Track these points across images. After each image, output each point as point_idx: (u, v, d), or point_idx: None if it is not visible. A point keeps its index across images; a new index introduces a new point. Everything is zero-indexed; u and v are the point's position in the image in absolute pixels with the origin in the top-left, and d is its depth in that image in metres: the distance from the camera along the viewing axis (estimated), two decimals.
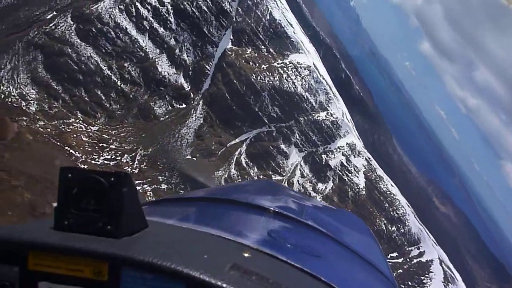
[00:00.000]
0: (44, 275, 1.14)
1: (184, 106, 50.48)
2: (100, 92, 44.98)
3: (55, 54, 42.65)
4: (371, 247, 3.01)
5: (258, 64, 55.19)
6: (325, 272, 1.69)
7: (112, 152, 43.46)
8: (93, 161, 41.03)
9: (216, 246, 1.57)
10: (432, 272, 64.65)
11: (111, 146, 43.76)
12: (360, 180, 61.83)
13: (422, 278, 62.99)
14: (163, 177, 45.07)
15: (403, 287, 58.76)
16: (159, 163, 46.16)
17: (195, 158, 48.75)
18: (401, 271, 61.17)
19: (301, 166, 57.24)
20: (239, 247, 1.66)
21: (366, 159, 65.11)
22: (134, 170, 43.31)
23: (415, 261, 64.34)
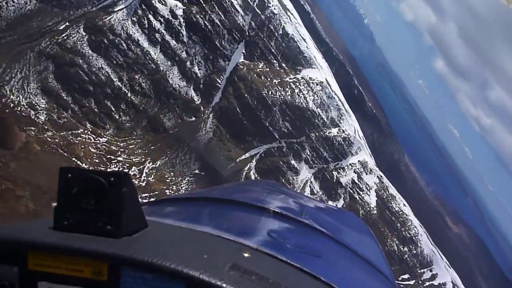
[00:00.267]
0: (44, 275, 1.15)
1: (194, 119, 49.99)
2: (110, 103, 44.69)
3: (66, 64, 42.56)
4: (371, 247, 3.02)
5: (270, 79, 54.69)
6: (325, 272, 1.67)
7: (120, 164, 42.96)
8: None
9: (215, 246, 1.55)
10: None
11: (119, 158, 43.30)
12: (371, 199, 60.54)
13: None
14: (171, 191, 44.40)
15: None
16: (167, 177, 45.57)
17: (203, 173, 48.08)
18: None
19: (311, 182, 56.19)
20: (239, 247, 1.63)
21: (378, 177, 63.87)
22: (141, 183, 42.76)
23: (428, 284, 62.55)
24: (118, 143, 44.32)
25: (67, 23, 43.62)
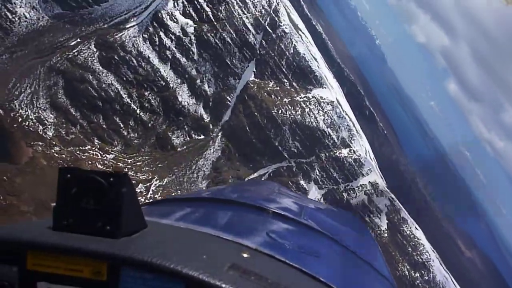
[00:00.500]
0: (43, 275, 1.15)
1: (202, 137, 49.52)
2: (118, 120, 44.44)
3: (76, 80, 42.53)
4: (370, 247, 3.03)
5: (280, 98, 54.21)
6: (323, 272, 1.69)
7: None
8: None
9: (215, 246, 1.56)
10: None
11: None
12: (382, 222, 59.08)
13: None
14: None
15: None
16: (174, 195, 44.90)
17: None
18: None
19: None
20: (238, 247, 1.64)
21: (389, 199, 62.44)
22: (147, 201, 42.09)
23: None
24: (126, 160, 43.88)
25: (79, 39, 43.77)
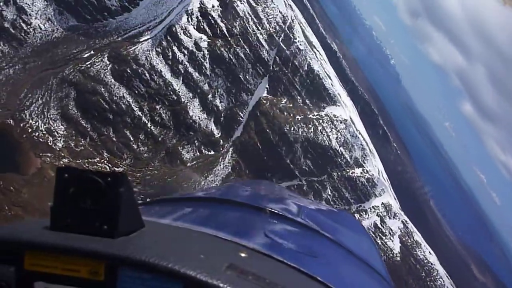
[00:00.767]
0: (40, 275, 1.15)
1: (212, 153, 48.85)
2: (128, 133, 44.03)
3: (88, 92, 42.34)
4: (368, 247, 3.05)
5: (292, 115, 53.50)
6: (321, 272, 1.69)
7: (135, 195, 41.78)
8: None
9: (213, 246, 1.57)
10: None
11: (134, 189, 42.15)
12: (395, 245, 57.45)
13: None
14: None
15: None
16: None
17: None
18: None
19: None
20: (236, 247, 1.65)
21: (403, 221, 60.89)
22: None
23: None
24: (134, 174, 43.29)
25: (92, 52, 43.72)
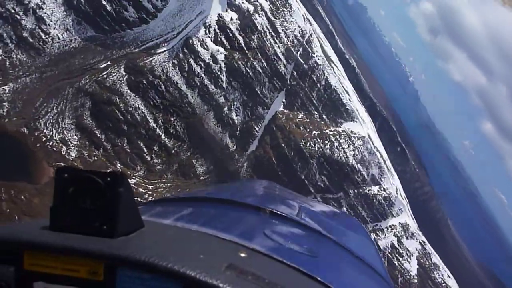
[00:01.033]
0: (40, 275, 1.15)
1: (227, 166, 48.10)
2: (142, 144, 43.66)
3: (103, 102, 42.22)
4: (368, 247, 3.06)
5: (309, 130, 52.57)
6: (321, 272, 1.69)
7: None
8: None
9: (212, 246, 1.57)
10: None
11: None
12: (412, 266, 55.53)
13: None
14: None
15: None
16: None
17: None
18: None
19: None
20: (236, 247, 1.65)
21: (420, 242, 59.01)
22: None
23: None
24: (147, 186, 42.77)
25: (109, 62, 43.71)
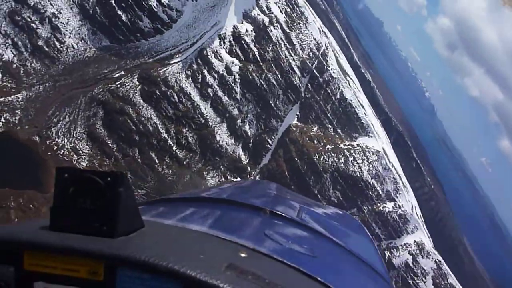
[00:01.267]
0: (40, 275, 1.16)
1: (238, 179, 47.39)
2: (154, 155, 43.24)
3: (116, 112, 42.00)
4: (367, 247, 3.07)
5: (323, 144, 51.68)
6: (321, 271, 1.69)
7: None
8: None
9: (212, 246, 1.57)
10: None
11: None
12: (427, 287, 53.81)
13: None
14: None
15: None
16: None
17: None
18: None
19: None
20: (236, 247, 1.65)
21: (436, 262, 57.20)
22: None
23: None
24: (157, 197, 42.13)
25: (122, 72, 43.60)
